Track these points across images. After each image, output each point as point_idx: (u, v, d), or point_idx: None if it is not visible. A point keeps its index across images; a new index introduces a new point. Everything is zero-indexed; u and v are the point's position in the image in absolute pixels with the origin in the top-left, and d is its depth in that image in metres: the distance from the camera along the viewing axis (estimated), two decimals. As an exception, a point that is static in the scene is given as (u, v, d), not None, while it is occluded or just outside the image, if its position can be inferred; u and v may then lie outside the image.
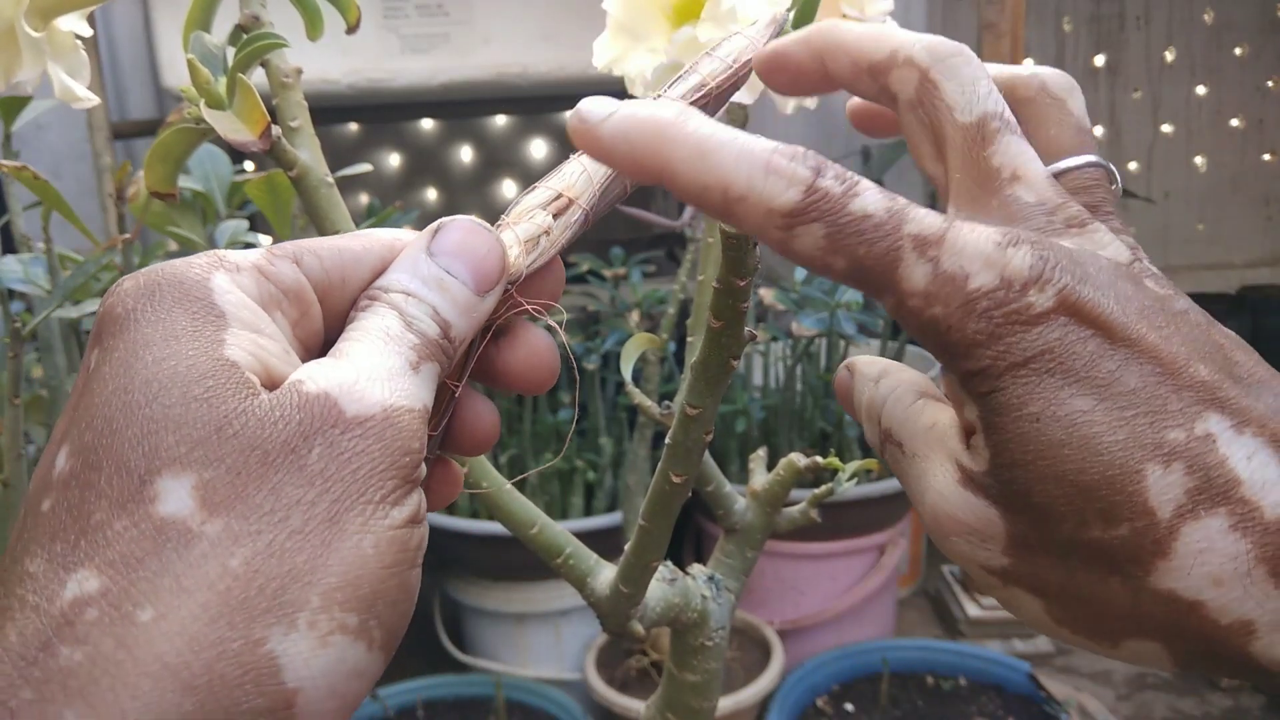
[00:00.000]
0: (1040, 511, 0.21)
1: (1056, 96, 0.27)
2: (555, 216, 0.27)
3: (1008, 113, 0.25)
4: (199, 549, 0.19)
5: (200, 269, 0.22)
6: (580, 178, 0.27)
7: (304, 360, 0.23)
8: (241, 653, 0.18)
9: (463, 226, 0.24)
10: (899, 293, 0.22)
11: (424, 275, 0.24)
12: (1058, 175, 0.26)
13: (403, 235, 0.25)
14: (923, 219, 0.22)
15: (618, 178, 0.27)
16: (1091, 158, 0.26)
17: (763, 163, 0.22)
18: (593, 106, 0.23)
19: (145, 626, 0.18)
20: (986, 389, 0.22)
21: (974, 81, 0.25)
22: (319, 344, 0.24)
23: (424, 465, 0.22)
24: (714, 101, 0.29)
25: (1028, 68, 0.28)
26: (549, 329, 0.27)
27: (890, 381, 0.26)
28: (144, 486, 0.19)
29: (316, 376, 0.21)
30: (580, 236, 0.27)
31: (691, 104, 0.28)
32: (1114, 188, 0.26)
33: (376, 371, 0.22)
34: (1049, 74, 0.27)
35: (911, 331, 0.23)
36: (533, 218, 0.26)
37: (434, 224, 0.25)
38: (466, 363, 0.26)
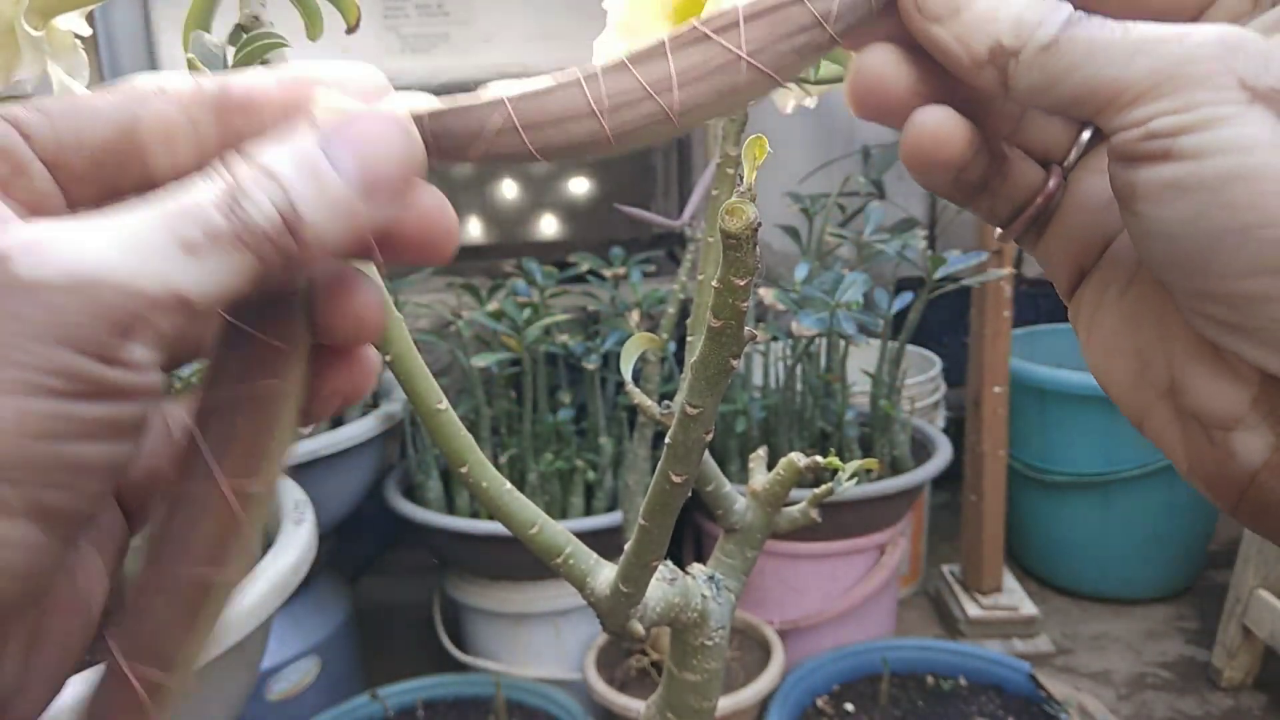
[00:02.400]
0: None
1: None
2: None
3: None
4: None
5: None
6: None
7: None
8: None
9: (378, 115, 0.21)
10: None
11: (298, 152, 0.20)
12: None
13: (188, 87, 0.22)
14: None
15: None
16: None
17: None
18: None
19: None
20: None
21: None
22: (59, 212, 0.22)
23: (133, 346, 0.19)
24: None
25: None
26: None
27: None
28: None
29: (12, 232, 0.18)
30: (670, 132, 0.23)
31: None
32: None
33: (100, 238, 0.18)
34: None
35: None
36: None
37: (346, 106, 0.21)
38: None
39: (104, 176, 0.22)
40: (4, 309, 0.18)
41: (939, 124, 0.24)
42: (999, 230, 0.27)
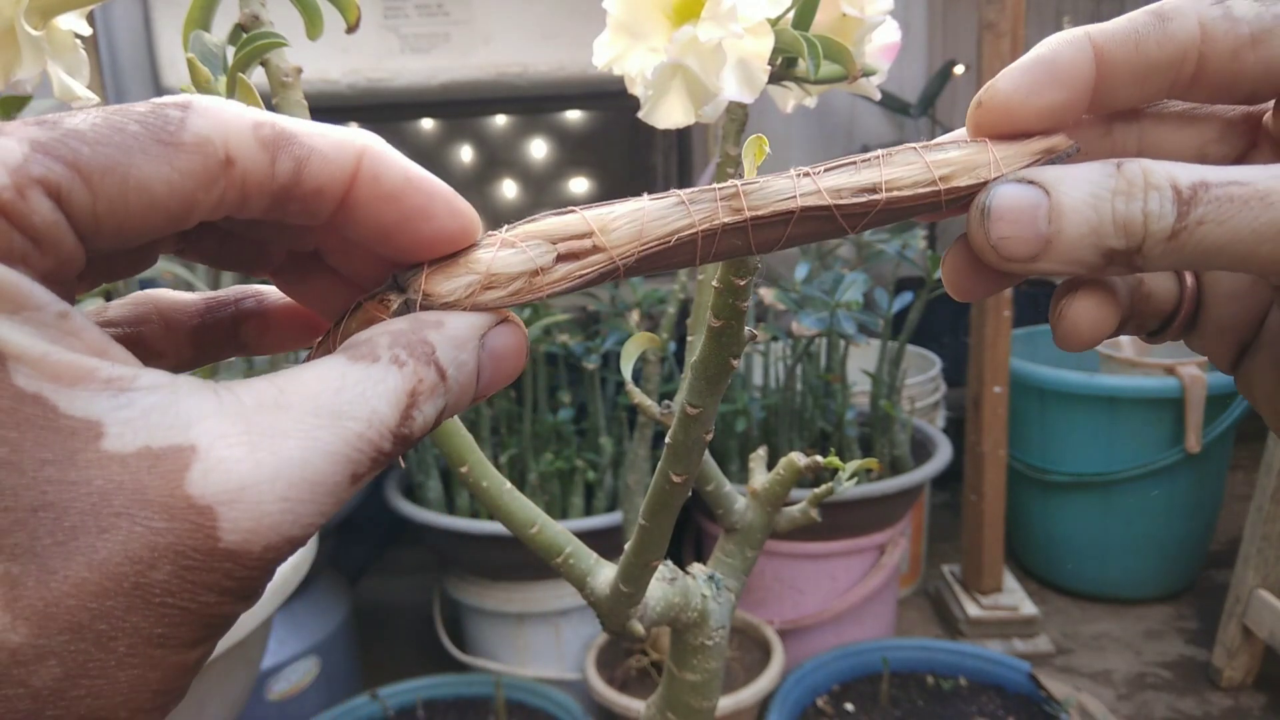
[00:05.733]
0: None
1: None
2: (563, 259, 0.22)
3: None
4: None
5: None
6: (628, 226, 0.22)
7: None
8: None
9: (516, 333, 0.21)
10: None
11: (465, 362, 0.20)
12: None
13: (231, 141, 0.18)
14: None
15: (684, 245, 0.22)
16: None
17: None
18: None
19: None
20: None
21: None
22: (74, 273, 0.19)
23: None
24: (876, 216, 0.23)
25: None
26: None
27: None
28: None
29: (215, 474, 0.16)
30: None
31: (841, 206, 0.22)
32: None
33: (295, 480, 0.17)
34: None
35: None
36: (530, 249, 0.21)
37: (493, 316, 0.21)
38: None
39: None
40: (197, 578, 0.16)
41: (1093, 318, 0.24)
42: (1148, 336, 0.26)
